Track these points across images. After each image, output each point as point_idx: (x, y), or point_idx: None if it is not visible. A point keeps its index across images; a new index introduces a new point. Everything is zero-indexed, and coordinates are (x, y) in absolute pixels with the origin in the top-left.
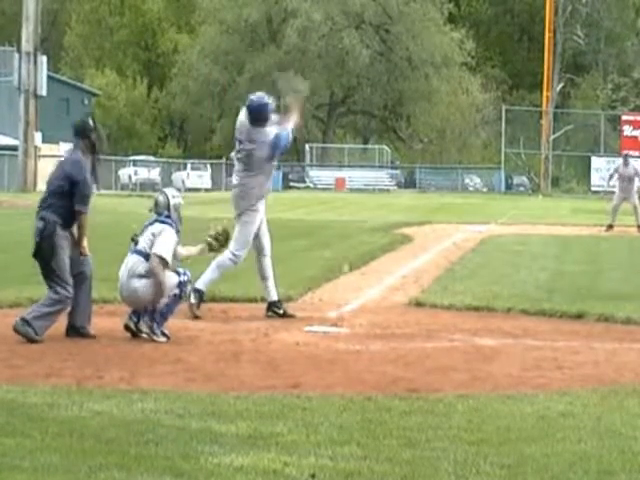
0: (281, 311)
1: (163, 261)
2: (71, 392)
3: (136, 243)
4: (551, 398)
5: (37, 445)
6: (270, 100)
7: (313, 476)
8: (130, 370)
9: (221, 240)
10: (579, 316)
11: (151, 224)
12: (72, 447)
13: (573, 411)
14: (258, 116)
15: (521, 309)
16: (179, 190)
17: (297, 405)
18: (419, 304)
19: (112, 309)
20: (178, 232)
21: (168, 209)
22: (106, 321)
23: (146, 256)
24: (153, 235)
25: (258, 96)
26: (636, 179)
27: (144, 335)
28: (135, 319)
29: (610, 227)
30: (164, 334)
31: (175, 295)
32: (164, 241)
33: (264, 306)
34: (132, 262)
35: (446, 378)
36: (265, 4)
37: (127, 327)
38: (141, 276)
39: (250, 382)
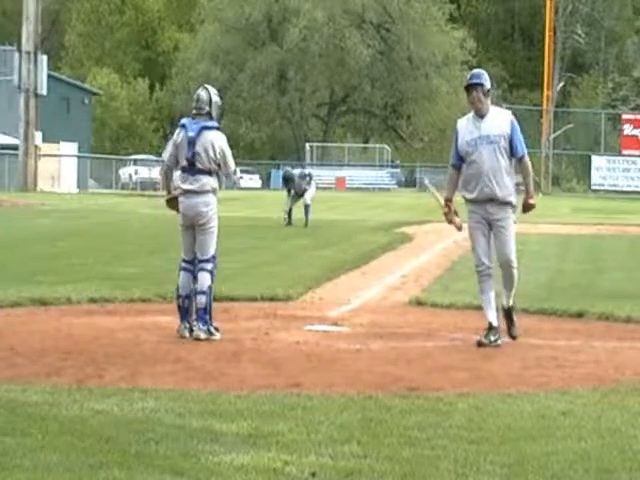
0: None
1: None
2: (71, 391)
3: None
4: (551, 397)
5: (38, 444)
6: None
7: (314, 475)
8: (130, 369)
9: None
10: (579, 315)
11: (199, 132)
12: (72, 446)
13: (573, 410)
14: None
15: (521, 308)
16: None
17: (297, 404)
18: (419, 303)
19: (112, 309)
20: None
21: (210, 105)
22: (106, 321)
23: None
24: (213, 147)
25: None
26: None
27: (203, 339)
28: (188, 325)
29: None
30: (217, 329)
31: (210, 287)
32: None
33: (265, 305)
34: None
35: (446, 377)
36: (265, 3)
37: (182, 336)
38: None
39: (250, 381)
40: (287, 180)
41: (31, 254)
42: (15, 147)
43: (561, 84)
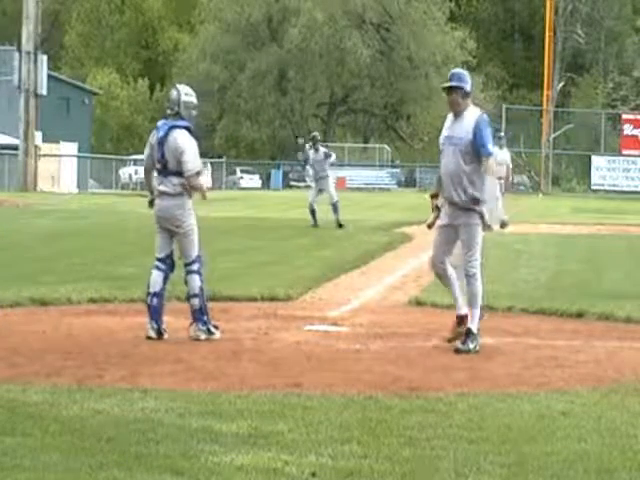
0: None
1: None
2: (71, 391)
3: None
4: (551, 397)
5: (37, 444)
6: None
7: (314, 475)
8: (130, 369)
9: None
10: (579, 315)
11: (167, 132)
12: (72, 446)
13: (573, 410)
14: None
15: (521, 308)
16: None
17: (297, 404)
18: (419, 303)
19: (112, 308)
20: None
21: (179, 105)
22: (106, 320)
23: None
24: (176, 147)
25: None
26: None
27: (203, 339)
28: (156, 326)
29: None
30: (216, 327)
31: (201, 288)
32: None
33: (265, 305)
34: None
35: (446, 377)
36: (265, 3)
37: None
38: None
39: (250, 381)
40: (305, 159)
41: (31, 254)
42: (15, 147)
43: (561, 84)
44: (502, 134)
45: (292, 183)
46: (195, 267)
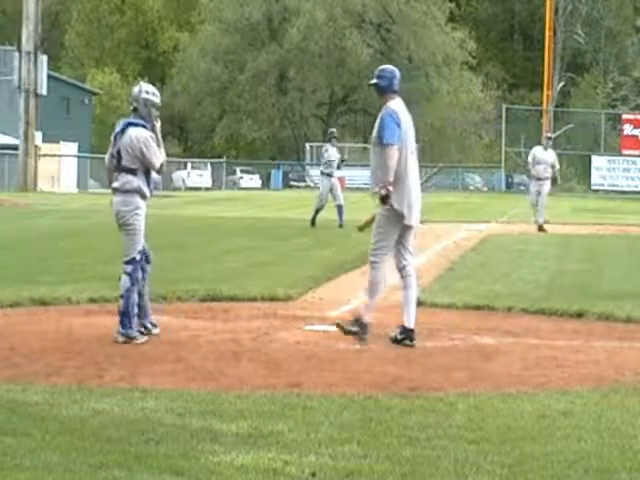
0: None
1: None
2: (72, 391)
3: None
4: (551, 397)
5: (37, 444)
6: None
7: (314, 475)
8: (130, 369)
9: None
10: (579, 315)
11: (123, 129)
12: (72, 446)
13: (573, 410)
14: None
15: (521, 308)
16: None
17: (297, 404)
18: (419, 303)
19: (112, 309)
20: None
21: (137, 102)
22: (106, 320)
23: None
24: (132, 144)
25: None
26: None
27: (120, 342)
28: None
29: None
30: (142, 333)
31: (127, 290)
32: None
33: (265, 305)
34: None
35: (446, 377)
36: (266, 3)
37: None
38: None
39: (250, 381)
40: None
41: (31, 254)
42: (15, 147)
43: (561, 84)
44: (550, 135)
45: (292, 183)
46: (129, 269)
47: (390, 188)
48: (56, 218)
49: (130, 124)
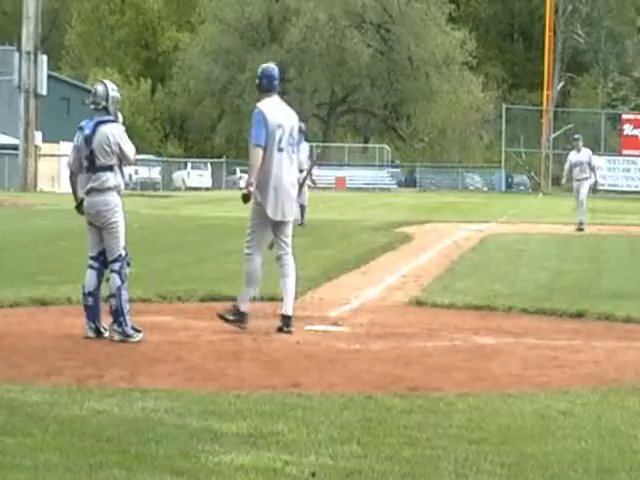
0: None
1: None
2: (71, 391)
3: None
4: (551, 397)
5: (37, 444)
6: None
7: (314, 475)
8: (130, 369)
9: None
10: (579, 315)
11: (94, 128)
12: (72, 446)
13: (573, 410)
14: None
15: (521, 308)
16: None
17: (297, 404)
18: (419, 303)
19: None
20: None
21: (107, 100)
22: (106, 321)
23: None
24: (108, 140)
25: None
26: None
27: (117, 340)
28: (93, 325)
29: None
30: (138, 330)
31: (119, 288)
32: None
33: (265, 305)
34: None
35: (446, 377)
36: (266, 3)
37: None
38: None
39: (250, 381)
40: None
41: (31, 254)
42: (15, 147)
43: (561, 84)
44: (577, 136)
45: None
46: (116, 266)
47: (251, 188)
48: (56, 218)
49: (101, 123)
